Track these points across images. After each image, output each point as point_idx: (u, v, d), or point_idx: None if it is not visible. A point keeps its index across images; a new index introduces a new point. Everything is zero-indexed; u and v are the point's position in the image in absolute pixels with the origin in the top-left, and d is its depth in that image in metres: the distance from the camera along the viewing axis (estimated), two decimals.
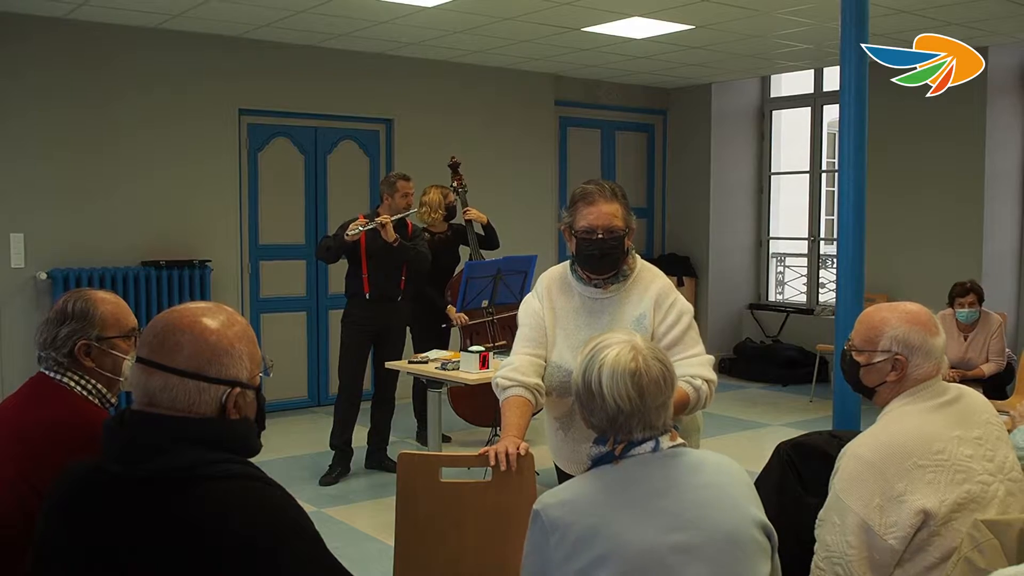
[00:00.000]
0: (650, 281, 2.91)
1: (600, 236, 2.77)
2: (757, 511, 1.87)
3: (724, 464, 1.92)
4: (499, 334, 6.16)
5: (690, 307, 2.92)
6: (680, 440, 1.89)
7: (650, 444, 1.84)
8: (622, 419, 1.83)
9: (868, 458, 2.16)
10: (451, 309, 6.09)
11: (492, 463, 2.57)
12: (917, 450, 2.16)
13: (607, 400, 1.82)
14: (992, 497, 2.17)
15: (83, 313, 2.24)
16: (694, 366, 2.80)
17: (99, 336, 2.23)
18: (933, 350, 2.29)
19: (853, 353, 2.39)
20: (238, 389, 1.63)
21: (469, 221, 6.30)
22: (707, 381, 2.81)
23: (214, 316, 1.65)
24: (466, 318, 6.05)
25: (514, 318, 6.50)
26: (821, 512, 2.22)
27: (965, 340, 6.02)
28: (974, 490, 2.15)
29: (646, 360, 1.85)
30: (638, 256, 2.97)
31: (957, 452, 2.17)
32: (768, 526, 1.88)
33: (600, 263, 2.82)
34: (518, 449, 2.59)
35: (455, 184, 6.39)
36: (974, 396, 2.37)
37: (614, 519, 1.75)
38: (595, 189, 2.82)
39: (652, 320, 2.84)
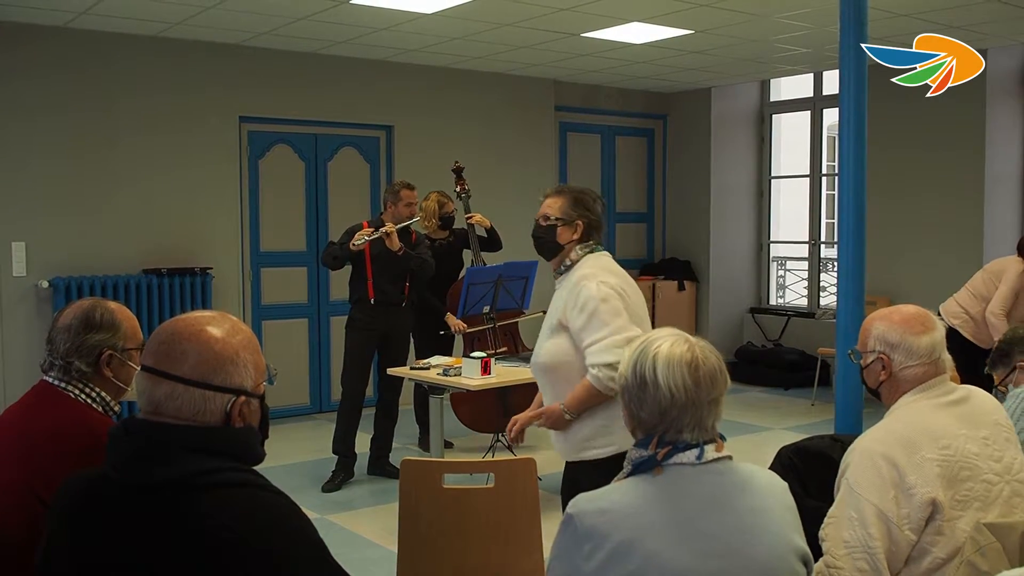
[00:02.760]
0: (577, 273, 3.12)
1: (537, 222, 3.26)
2: (798, 538, 1.81)
3: (770, 486, 1.85)
4: (500, 340, 6.16)
5: (599, 293, 3.00)
6: (726, 452, 1.81)
7: (694, 452, 1.76)
8: (675, 412, 1.75)
9: (880, 451, 2.17)
10: (450, 316, 6.09)
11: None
12: (926, 444, 2.17)
13: (661, 388, 1.74)
14: (996, 497, 2.17)
15: (111, 323, 2.26)
16: (591, 355, 2.95)
17: (122, 347, 2.26)
18: (916, 348, 2.30)
19: (858, 357, 2.43)
20: (243, 398, 1.64)
21: (472, 225, 6.31)
22: (600, 366, 2.92)
23: (219, 325, 1.65)
24: (464, 325, 6.05)
25: (515, 324, 6.55)
26: (832, 510, 2.20)
27: None
28: (978, 488, 2.16)
29: (703, 351, 1.79)
30: (591, 255, 3.16)
31: (963, 449, 2.18)
32: (807, 554, 1.81)
33: (536, 246, 3.27)
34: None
35: (458, 189, 6.40)
36: (983, 397, 2.37)
37: (652, 536, 1.69)
38: (550, 189, 3.35)
39: (565, 309, 3.08)
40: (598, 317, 2.97)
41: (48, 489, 1.84)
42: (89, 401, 2.22)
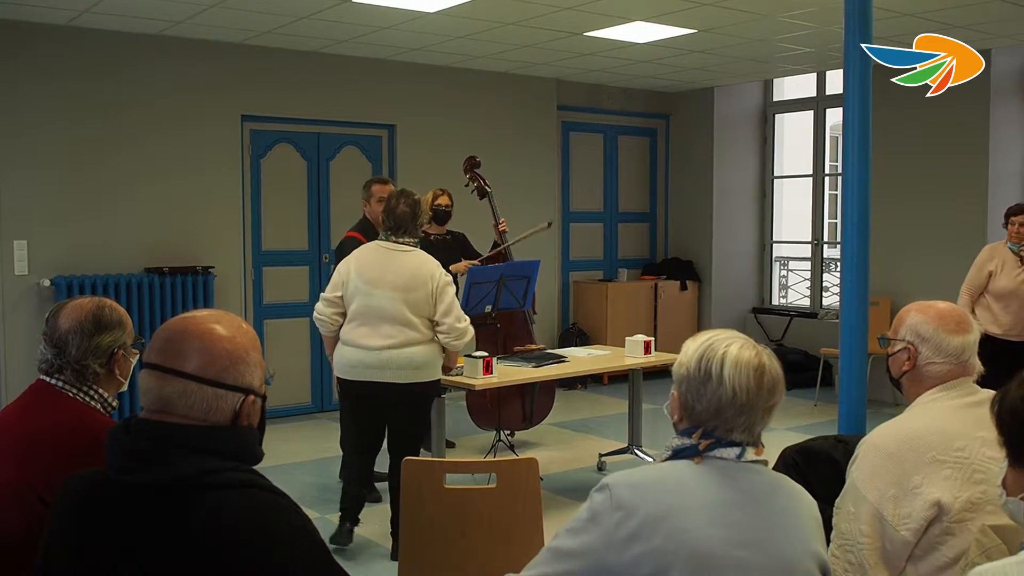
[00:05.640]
0: None
1: None
2: (821, 548, 1.83)
3: (799, 493, 1.88)
4: (504, 341, 6.14)
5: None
6: (764, 456, 1.84)
7: (736, 450, 1.79)
8: (731, 411, 1.77)
9: (887, 449, 2.17)
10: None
11: None
12: (937, 444, 2.16)
13: (725, 386, 1.76)
14: None
15: (119, 321, 2.26)
16: None
17: (128, 343, 2.26)
18: (946, 346, 2.29)
19: (886, 343, 2.43)
20: (251, 397, 1.64)
21: (503, 232, 6.31)
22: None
23: (226, 324, 1.66)
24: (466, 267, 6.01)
25: (517, 324, 6.51)
26: (838, 500, 2.22)
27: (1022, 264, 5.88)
28: (991, 492, 2.14)
29: (769, 359, 1.82)
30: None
31: (979, 452, 2.17)
32: (827, 564, 1.83)
33: None
34: None
35: (476, 184, 6.46)
36: None
37: (683, 514, 1.71)
38: None
39: None
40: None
41: (49, 489, 1.83)
42: (88, 400, 2.22)
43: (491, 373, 4.92)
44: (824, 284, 9.50)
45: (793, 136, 10.31)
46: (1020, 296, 5.86)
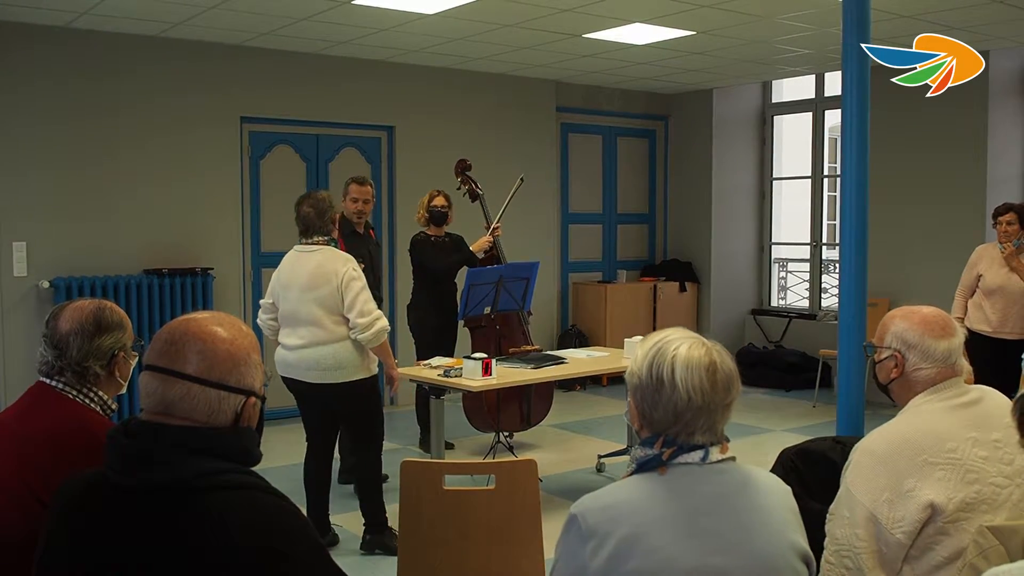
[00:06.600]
0: None
1: None
2: (800, 539, 1.81)
3: (771, 486, 1.85)
4: (500, 342, 6.14)
5: None
6: (730, 453, 1.81)
7: (699, 454, 1.76)
8: (689, 415, 1.74)
9: (880, 453, 2.18)
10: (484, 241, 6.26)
11: None
12: (930, 447, 2.16)
13: (679, 390, 1.73)
14: (1004, 500, 2.17)
15: (120, 323, 2.26)
16: None
17: (128, 345, 2.26)
18: (932, 352, 2.29)
19: (871, 351, 2.43)
20: (253, 398, 1.65)
21: (496, 236, 6.30)
22: None
23: (227, 327, 1.67)
24: (489, 241, 6.22)
25: (512, 326, 6.51)
26: (832, 506, 2.23)
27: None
28: (985, 491, 2.15)
29: (720, 355, 1.79)
30: None
31: (971, 453, 2.18)
32: (808, 554, 1.81)
33: None
34: None
35: (467, 188, 6.46)
36: (997, 399, 2.36)
37: (656, 531, 1.69)
38: None
39: None
40: None
41: (47, 490, 1.84)
42: (88, 402, 2.22)
43: (490, 375, 4.91)
44: (823, 285, 9.50)
45: (792, 137, 10.32)
46: (1007, 292, 5.91)
